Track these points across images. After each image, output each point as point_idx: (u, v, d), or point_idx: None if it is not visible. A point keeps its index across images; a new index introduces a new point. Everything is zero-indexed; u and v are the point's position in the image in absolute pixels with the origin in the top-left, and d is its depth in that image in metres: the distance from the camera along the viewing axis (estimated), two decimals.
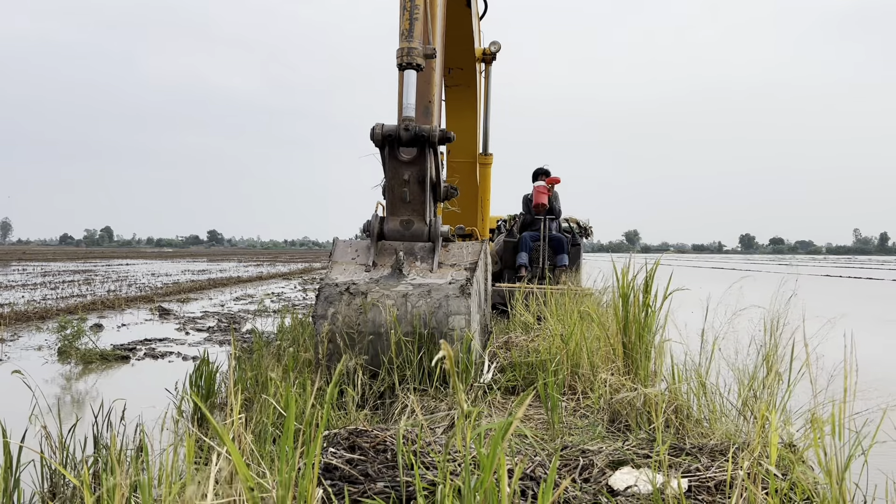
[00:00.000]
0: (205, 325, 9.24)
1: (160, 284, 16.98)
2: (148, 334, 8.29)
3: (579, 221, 9.72)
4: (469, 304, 3.96)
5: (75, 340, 6.71)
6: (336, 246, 4.58)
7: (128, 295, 13.13)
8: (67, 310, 10.29)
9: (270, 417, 2.69)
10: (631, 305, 3.62)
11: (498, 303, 7.30)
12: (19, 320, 9.11)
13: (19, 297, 12.35)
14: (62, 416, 2.93)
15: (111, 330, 8.67)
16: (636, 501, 2.02)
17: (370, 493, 1.84)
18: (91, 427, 2.91)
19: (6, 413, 2.67)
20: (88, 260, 40.50)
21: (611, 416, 3.17)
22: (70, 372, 5.97)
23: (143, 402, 3.44)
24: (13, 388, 5.05)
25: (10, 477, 2.38)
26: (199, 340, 7.89)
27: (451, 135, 4.33)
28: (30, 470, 2.55)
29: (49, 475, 2.65)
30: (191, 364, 6.32)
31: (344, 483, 1.93)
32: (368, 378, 3.86)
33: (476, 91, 8.30)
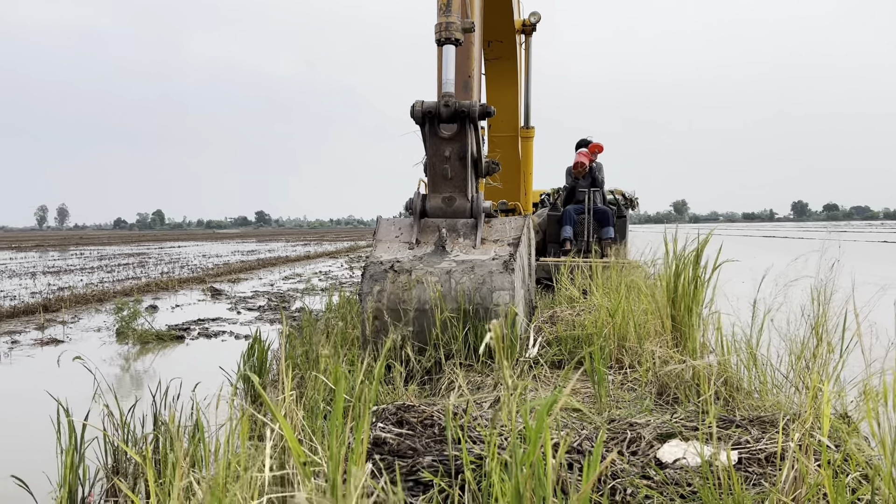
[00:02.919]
0: (255, 305, 9.44)
1: (211, 265, 17.37)
2: (201, 314, 8.51)
3: (625, 193, 9.56)
4: (513, 280, 3.96)
5: (132, 322, 6.94)
6: (380, 224, 4.61)
7: (180, 276, 13.47)
8: (123, 292, 10.62)
9: (321, 393, 2.75)
10: (680, 278, 3.57)
11: (542, 277, 7.27)
12: (79, 303, 9.44)
13: (78, 281, 12.79)
14: (122, 395, 3.05)
15: (165, 311, 8.93)
16: (685, 474, 2.02)
17: (419, 467, 1.88)
18: (150, 405, 3.02)
19: (70, 393, 2.79)
20: (141, 243, 41.65)
21: (658, 389, 3.15)
22: (128, 352, 6.18)
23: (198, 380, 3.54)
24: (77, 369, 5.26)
25: (76, 454, 2.49)
26: (250, 319, 8.07)
27: (492, 109, 4.30)
28: (94, 447, 2.66)
29: (112, 452, 2.76)
30: (243, 343, 6.47)
31: (393, 457, 1.97)
32: (414, 354, 3.90)
33: (516, 63, 8.20)
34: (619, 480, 1.98)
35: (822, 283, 3.06)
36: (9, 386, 5.12)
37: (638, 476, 2.03)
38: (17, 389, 5.03)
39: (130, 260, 20.52)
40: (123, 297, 9.54)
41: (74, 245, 37.62)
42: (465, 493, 1.69)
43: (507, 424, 1.80)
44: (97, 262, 19.39)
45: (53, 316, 8.30)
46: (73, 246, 36.05)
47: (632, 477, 2.00)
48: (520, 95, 8.47)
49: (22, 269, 16.85)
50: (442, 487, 1.81)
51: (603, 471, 1.26)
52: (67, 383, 4.65)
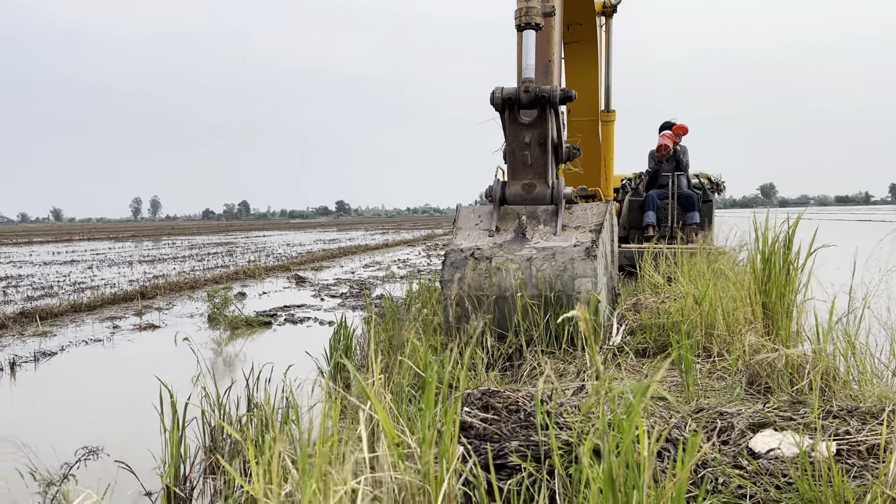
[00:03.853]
0: (338, 292, 9.67)
1: (295, 254, 17.87)
2: (286, 301, 8.78)
3: (710, 176, 9.25)
4: (595, 267, 3.91)
5: (223, 308, 7.23)
6: (460, 212, 4.64)
7: (266, 265, 13.92)
8: (213, 280, 11.07)
9: (406, 378, 2.80)
10: (771, 263, 3.45)
11: (625, 264, 7.14)
12: (172, 290, 9.90)
13: (171, 269, 13.41)
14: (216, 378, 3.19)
15: (253, 298, 9.25)
16: (780, 464, 1.96)
17: (505, 451, 1.89)
18: (243, 388, 3.15)
19: (167, 377, 2.93)
20: (229, 233, 43.24)
21: (749, 379, 3.06)
22: (219, 337, 6.45)
23: (286, 364, 3.67)
24: (173, 353, 5.54)
25: (178, 432, 2.63)
26: (334, 306, 8.28)
27: (573, 93, 4.24)
28: (193, 426, 2.80)
29: (209, 432, 2.90)
30: (327, 328, 6.65)
31: (480, 441, 1.99)
32: (495, 340, 3.91)
33: (596, 46, 8.05)
34: (710, 469, 1.94)
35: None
36: (112, 368, 5.43)
37: (729, 465, 1.98)
38: (120, 371, 5.33)
39: (219, 249, 21.35)
40: (214, 285, 9.95)
41: (166, 235, 39.42)
42: (554, 478, 1.69)
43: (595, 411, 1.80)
44: (188, 252, 20.26)
45: (150, 302, 8.74)
46: (166, 236, 37.77)
47: (723, 466, 1.96)
48: (600, 78, 8.31)
49: (119, 258, 17.80)
50: (529, 472, 1.82)
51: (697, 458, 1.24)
52: (165, 366, 4.89)
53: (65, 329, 6.91)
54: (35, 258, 18.52)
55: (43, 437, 3.52)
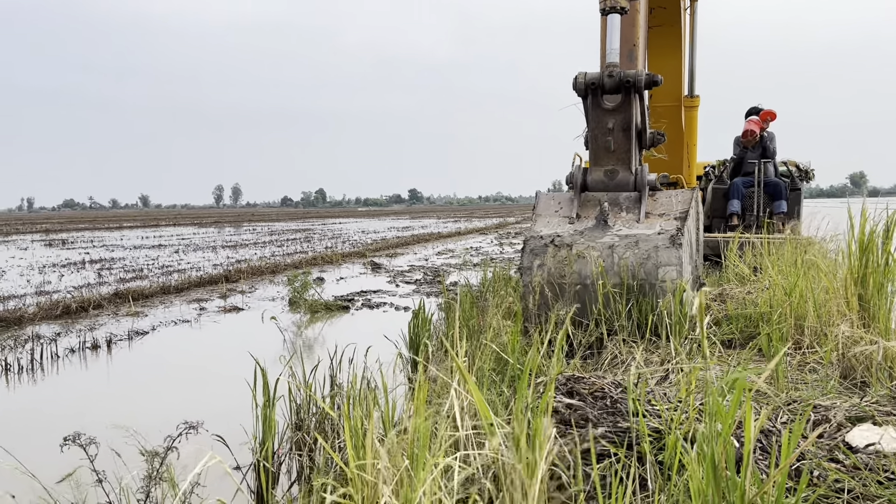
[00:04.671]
0: (412, 278, 9.79)
1: (369, 241, 18.17)
2: (363, 286, 8.95)
3: (798, 164, 8.87)
4: (680, 255, 3.83)
5: (303, 292, 7.43)
6: (539, 199, 4.61)
7: (342, 251, 14.21)
8: (293, 265, 11.39)
9: (487, 363, 2.82)
10: (869, 253, 3.30)
11: (708, 254, 6.95)
12: (255, 274, 10.24)
13: (252, 254, 13.85)
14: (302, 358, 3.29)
15: (331, 283, 9.47)
16: (880, 459, 1.88)
17: (594, 437, 1.89)
18: (327, 368, 3.24)
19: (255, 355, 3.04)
20: (306, 220, 44.29)
21: (843, 372, 2.95)
22: (300, 320, 6.64)
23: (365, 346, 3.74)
24: (256, 333, 5.74)
25: (270, 408, 2.73)
26: (408, 292, 8.38)
27: (659, 78, 4.15)
28: (279, 404, 2.90)
29: (296, 409, 2.99)
30: (402, 314, 6.75)
31: (565, 426, 1.99)
32: (575, 328, 3.89)
33: (680, 30, 7.83)
34: (805, 462, 1.89)
35: None
36: (200, 348, 5.67)
37: (825, 459, 1.92)
38: (208, 351, 5.56)
39: (297, 235, 21.90)
40: (293, 270, 10.24)
41: (247, 221, 40.70)
42: (646, 464, 1.68)
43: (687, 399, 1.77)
44: (268, 237, 20.87)
45: (233, 286, 9.06)
46: (246, 222, 38.99)
47: (819, 459, 1.90)
48: (684, 63, 8.08)
49: (204, 243, 18.50)
50: (617, 458, 1.81)
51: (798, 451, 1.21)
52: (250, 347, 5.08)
53: (155, 310, 7.25)
54: (126, 242, 19.46)
55: (140, 413, 3.72)
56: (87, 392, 4.38)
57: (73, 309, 6.97)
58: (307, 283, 7.62)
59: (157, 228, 31.12)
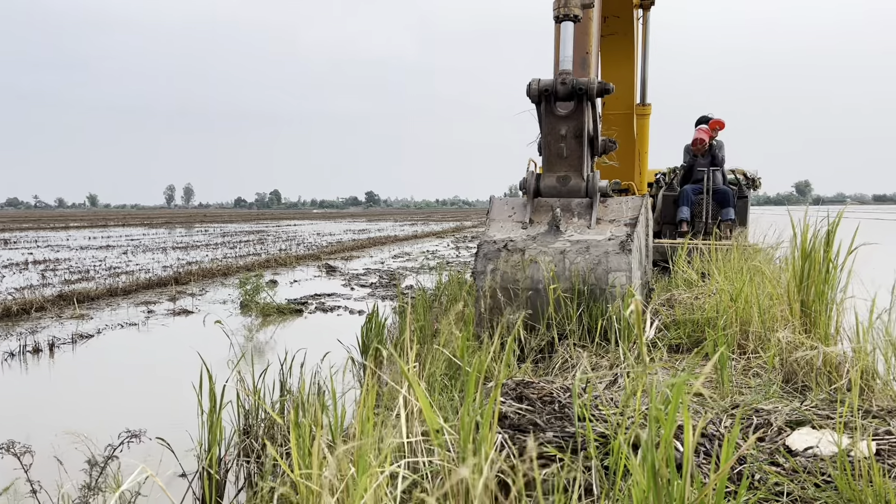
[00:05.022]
0: (368, 281, 9.73)
1: (325, 243, 18.01)
2: (317, 290, 8.86)
3: (746, 172, 9.10)
4: (630, 261, 3.88)
5: (255, 295, 7.32)
6: (493, 204, 4.63)
7: (297, 253, 14.05)
8: (245, 267, 11.21)
9: (439, 368, 2.81)
10: (811, 261, 3.39)
11: (658, 259, 7.07)
12: (205, 276, 10.05)
13: (204, 256, 13.60)
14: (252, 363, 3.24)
15: (284, 285, 9.35)
16: (818, 462, 1.94)
17: (541, 442, 1.90)
18: (277, 373, 3.19)
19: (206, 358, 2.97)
20: (260, 221, 43.69)
21: (785, 377, 3.02)
22: (251, 323, 6.54)
23: (317, 351, 3.70)
24: (206, 337, 5.62)
25: (216, 414, 2.67)
26: (363, 296, 8.33)
27: (610, 86, 4.21)
28: (227, 410, 2.84)
29: (244, 415, 2.94)
30: (357, 317, 6.70)
31: (514, 431, 2.00)
32: (526, 333, 3.91)
33: (633, 39, 7.96)
34: (747, 466, 1.93)
35: None
36: (147, 352, 5.53)
37: (766, 462, 1.97)
38: (155, 355, 5.43)
39: (250, 237, 21.59)
40: (246, 272, 10.09)
41: (199, 222, 39.96)
42: (592, 469, 1.69)
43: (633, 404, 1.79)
44: (220, 239, 20.53)
45: (183, 288, 8.88)
46: (198, 223, 38.29)
47: (760, 463, 1.94)
48: (636, 72, 8.22)
49: (154, 244, 18.09)
50: (565, 463, 1.82)
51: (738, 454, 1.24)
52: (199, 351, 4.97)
53: (101, 313, 7.06)
54: (72, 243, 18.91)
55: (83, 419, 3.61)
56: (28, 398, 4.23)
57: (13, 311, 6.74)
58: (259, 286, 7.51)
59: (106, 229, 30.32)
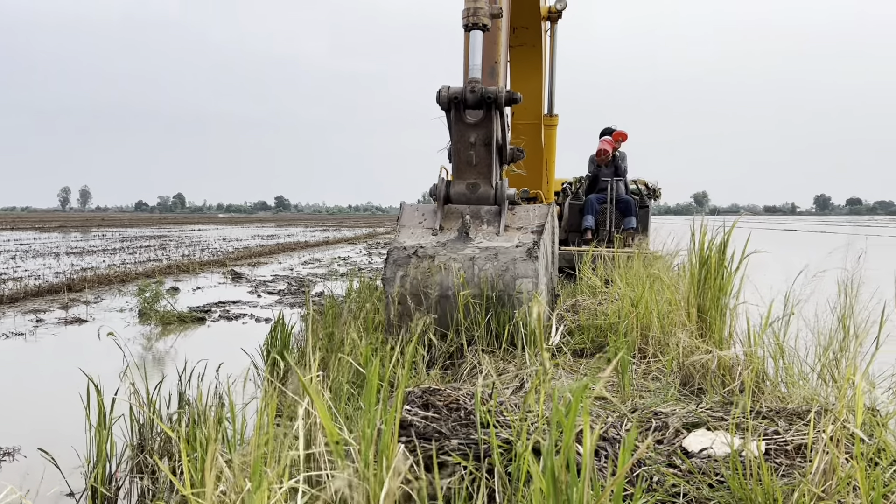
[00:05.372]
0: (276, 288, 9.50)
1: (231, 249, 17.51)
2: (222, 297, 8.58)
3: (647, 183, 9.48)
4: (536, 267, 3.94)
5: (154, 303, 7.01)
6: (403, 210, 4.61)
7: (201, 259, 13.59)
8: (145, 273, 10.74)
9: (345, 376, 2.76)
10: (706, 268, 3.54)
11: (565, 266, 7.24)
12: (102, 283, 9.55)
13: (100, 262, 12.94)
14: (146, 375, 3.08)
15: (187, 293, 9.01)
16: (712, 463, 2.00)
17: (445, 450, 1.88)
18: (175, 385, 3.04)
19: (94, 372, 2.81)
20: (163, 226, 42.04)
21: (682, 380, 3.14)
22: (150, 333, 6.25)
23: (220, 361, 3.57)
24: (101, 348, 5.33)
25: (104, 429, 2.52)
26: (271, 303, 8.13)
27: (518, 96, 4.27)
28: (120, 424, 2.69)
29: (138, 429, 2.79)
30: (263, 325, 6.52)
31: (419, 439, 1.97)
32: (437, 339, 3.91)
33: (541, 51, 8.14)
34: (646, 468, 1.97)
35: (849, 276, 3.02)
36: (34, 363, 5.19)
37: (664, 464, 2.02)
38: (42, 367, 5.11)
39: (152, 242, 20.72)
40: (145, 279, 9.65)
41: (96, 227, 38.06)
42: (494, 476, 1.69)
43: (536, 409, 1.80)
44: (119, 244, 19.60)
45: (77, 296, 8.41)
46: (96, 227, 36.47)
47: (658, 465, 2.00)
48: (544, 83, 8.40)
49: (46, 249, 17.08)
50: (469, 470, 1.81)
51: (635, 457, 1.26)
52: (92, 362, 4.70)
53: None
54: None
55: None
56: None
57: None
58: (159, 293, 7.20)
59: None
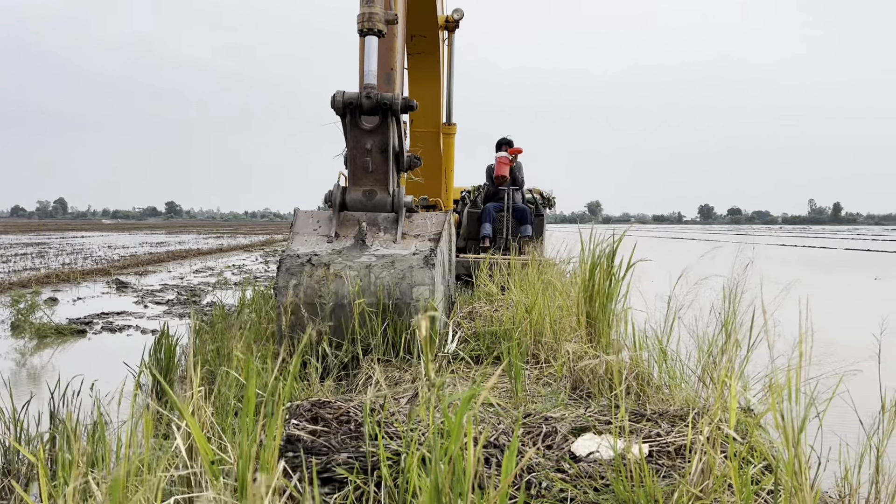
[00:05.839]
0: (164, 298, 9.09)
1: (117, 257, 16.63)
2: (105, 308, 8.11)
3: (542, 192, 9.73)
4: (433, 275, 3.94)
5: (29, 315, 6.54)
6: (297, 217, 4.51)
7: (83, 268, 12.82)
8: (20, 283, 10.02)
9: (233, 390, 2.65)
10: (595, 275, 3.64)
11: (462, 274, 7.30)
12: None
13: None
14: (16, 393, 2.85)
15: (66, 304, 8.48)
16: (598, 467, 2.05)
17: (333, 464, 1.83)
18: (47, 403, 2.83)
19: None
20: (42, 232, 39.43)
21: (573, 384, 3.20)
22: (24, 347, 5.83)
23: (101, 376, 3.36)
24: None
25: None
26: (158, 314, 7.76)
27: (414, 103, 4.27)
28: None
29: (2, 452, 2.58)
30: (150, 338, 6.20)
31: (307, 455, 1.91)
32: (332, 349, 3.83)
33: (439, 59, 8.19)
34: (535, 474, 1.99)
35: (730, 283, 3.19)
36: None
37: (553, 469, 2.05)
38: None
39: (29, 250, 19.39)
40: (20, 289, 9.00)
41: None
42: (382, 489, 1.66)
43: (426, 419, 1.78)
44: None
45: None
46: None
47: (547, 471, 2.02)
48: (442, 92, 8.46)
49: None
50: (357, 485, 1.77)
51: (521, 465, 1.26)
52: None
53: None
54: None
55: None
56: None
57: None
58: (35, 304, 6.72)
59: None
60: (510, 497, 1.83)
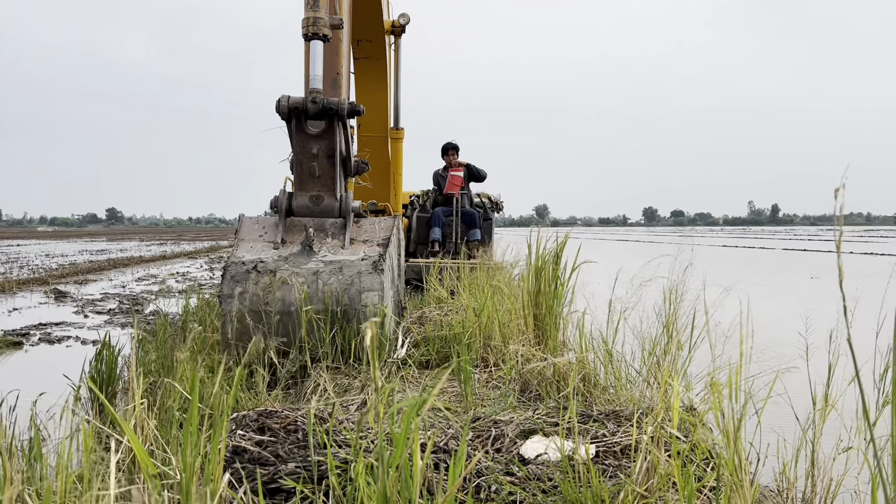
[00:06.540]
0: (105, 308, 8.83)
1: (55, 266, 16.09)
2: (43, 318, 7.83)
3: (490, 196, 9.81)
4: (382, 281, 3.93)
5: None
6: (242, 223, 4.43)
7: (19, 277, 12.36)
8: None
9: (176, 401, 2.59)
10: (541, 278, 3.69)
11: (412, 278, 7.30)
12: None
13: None
14: None
15: (2, 315, 8.16)
16: (546, 469, 2.07)
17: (281, 474, 1.81)
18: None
19: None
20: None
21: (522, 387, 3.23)
22: None
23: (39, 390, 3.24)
24: None
25: None
26: (99, 324, 7.54)
27: (360, 108, 4.25)
28: None
29: None
30: (90, 348, 6.01)
31: (254, 465, 1.88)
32: (280, 358, 3.78)
33: (386, 64, 8.17)
34: (484, 478, 2.00)
35: (673, 285, 3.26)
36: None
37: (502, 473, 2.06)
38: None
39: None
40: None
41: None
42: (330, 499, 1.64)
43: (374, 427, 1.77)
44: None
45: None
46: None
47: (496, 474, 2.03)
48: (389, 96, 8.45)
49: None
50: (305, 494, 1.75)
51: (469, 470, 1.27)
52: None
53: None
54: None
55: None
56: None
57: None
58: None
59: None
60: (460, 501, 1.84)
